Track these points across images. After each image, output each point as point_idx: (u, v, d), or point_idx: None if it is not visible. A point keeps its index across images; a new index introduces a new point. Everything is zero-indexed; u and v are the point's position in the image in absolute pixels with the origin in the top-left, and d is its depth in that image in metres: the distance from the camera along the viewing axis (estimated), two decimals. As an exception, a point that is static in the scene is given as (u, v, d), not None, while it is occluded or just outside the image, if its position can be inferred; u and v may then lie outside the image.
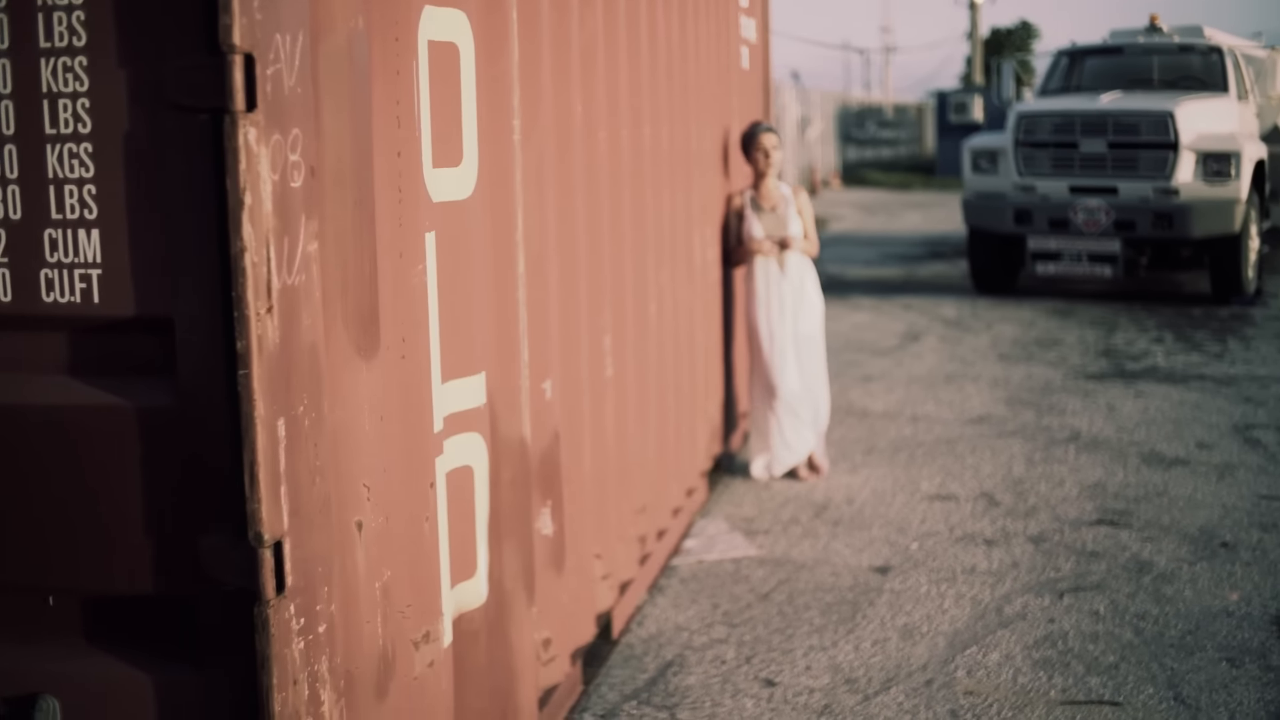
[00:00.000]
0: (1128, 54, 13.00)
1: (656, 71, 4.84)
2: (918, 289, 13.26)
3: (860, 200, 27.63)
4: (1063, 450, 6.83)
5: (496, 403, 3.20)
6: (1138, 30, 13.29)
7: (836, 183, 34.19)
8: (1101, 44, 13.30)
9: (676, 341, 5.26)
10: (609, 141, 4.19)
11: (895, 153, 45.33)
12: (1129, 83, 12.62)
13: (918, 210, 24.42)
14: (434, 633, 2.83)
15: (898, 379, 8.77)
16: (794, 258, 6.35)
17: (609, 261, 4.20)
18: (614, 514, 4.35)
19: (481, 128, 3.05)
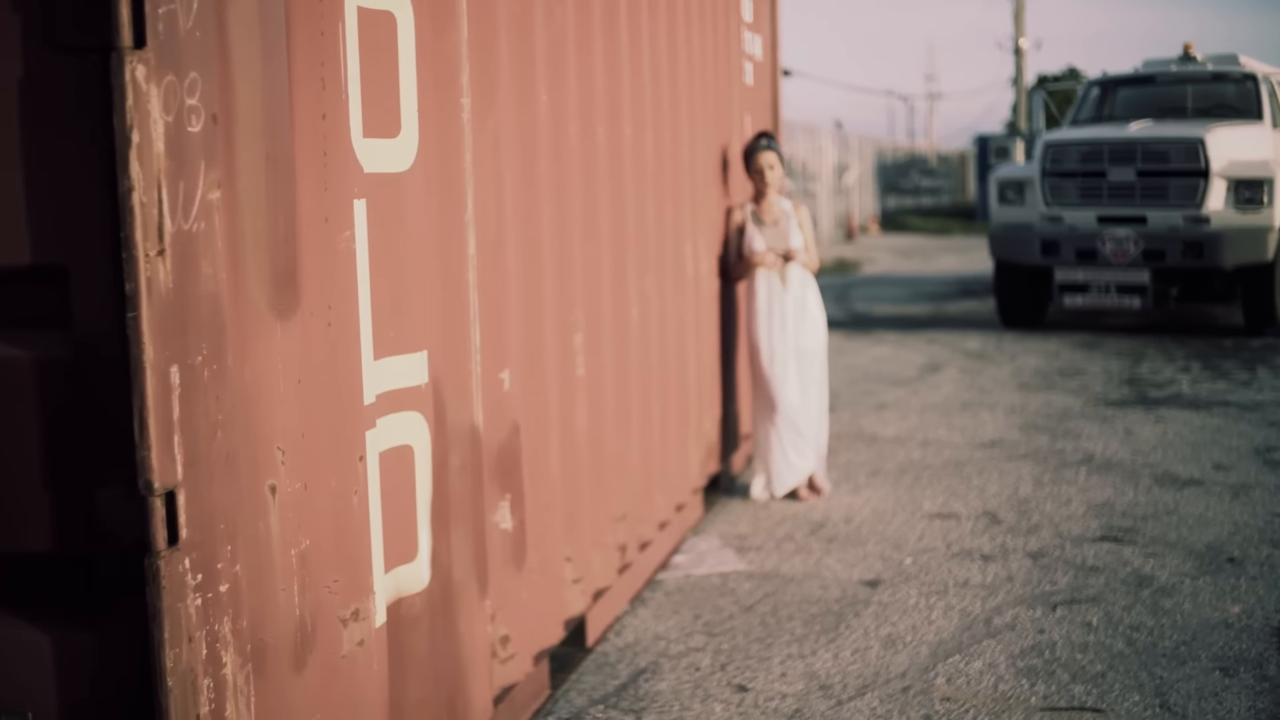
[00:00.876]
0: (1160, 83, 12.86)
1: (640, 75, 4.81)
2: (944, 324, 13.11)
3: (897, 245, 27.52)
4: (1073, 472, 6.67)
5: (443, 385, 3.14)
6: (1171, 59, 13.16)
7: (875, 228, 34.09)
8: (1133, 73, 13.17)
9: (664, 350, 5.19)
10: (581, 137, 4.15)
11: (937, 201, 45.26)
12: (1161, 112, 12.48)
13: (955, 254, 24.27)
14: (364, 611, 2.76)
15: (912, 407, 8.64)
16: (795, 272, 6.29)
17: (581, 259, 4.15)
18: (587, 518, 4.27)
19: (424, 102, 3.02)
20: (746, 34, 6.92)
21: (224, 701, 2.25)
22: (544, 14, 3.81)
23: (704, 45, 5.88)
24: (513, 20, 3.59)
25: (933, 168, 47.72)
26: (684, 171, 5.49)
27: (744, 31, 6.81)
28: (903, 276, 19.34)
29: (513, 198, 3.59)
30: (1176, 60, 13.05)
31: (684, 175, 5.49)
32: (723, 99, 6.31)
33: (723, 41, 6.29)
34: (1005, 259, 12.16)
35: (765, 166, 6.27)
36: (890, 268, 21.39)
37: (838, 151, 32.12)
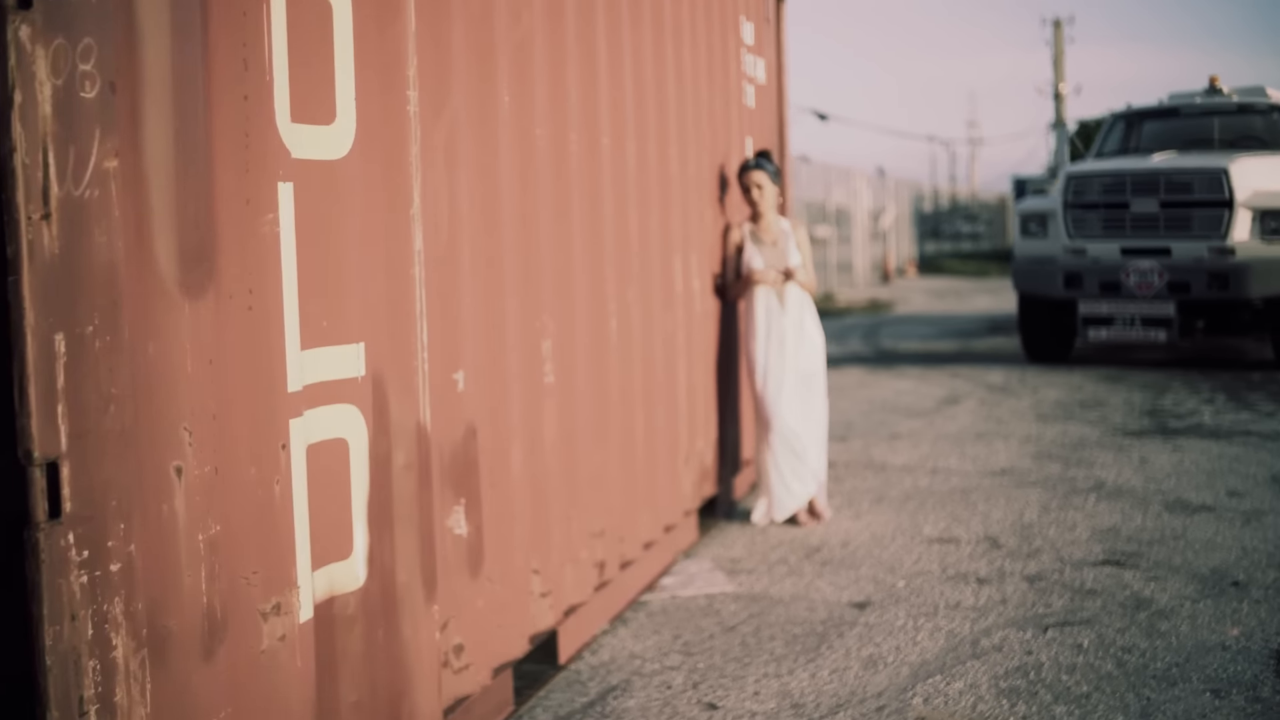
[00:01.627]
0: (1185, 115, 12.70)
1: (620, 88, 4.76)
2: (969, 360, 12.94)
3: (933, 287, 27.34)
4: (1082, 499, 6.50)
5: (384, 380, 3.08)
6: (1196, 92, 12.99)
7: (912, 271, 33.94)
8: (1157, 105, 13.01)
9: (648, 366, 5.11)
10: (551, 143, 4.11)
11: (977, 245, 45.03)
12: (1187, 144, 12.31)
13: (989, 294, 24.06)
14: (287, 605, 2.68)
15: (925, 437, 8.49)
16: (794, 293, 6.20)
17: (550, 266, 4.09)
18: (558, 531, 4.18)
19: (365, 93, 2.98)
20: (748, 56, 6.88)
21: (113, 685, 2.17)
22: (508, 16, 3.78)
23: (696, 63, 5.84)
24: (470, 20, 3.55)
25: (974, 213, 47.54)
26: (673, 187, 5.43)
27: (745, 54, 6.77)
28: (933, 315, 19.17)
29: (469, 196, 3.54)
30: (1202, 93, 12.89)
31: (673, 190, 5.43)
32: (720, 119, 6.26)
33: (719, 61, 6.24)
34: (1029, 292, 12.00)
35: (751, 185, 6.20)
36: (923, 308, 21.22)
37: (873, 195, 32.04)
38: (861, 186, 30.27)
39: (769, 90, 7.39)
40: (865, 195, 31.04)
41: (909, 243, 37.40)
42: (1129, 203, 11.30)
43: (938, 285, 27.83)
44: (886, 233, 32.54)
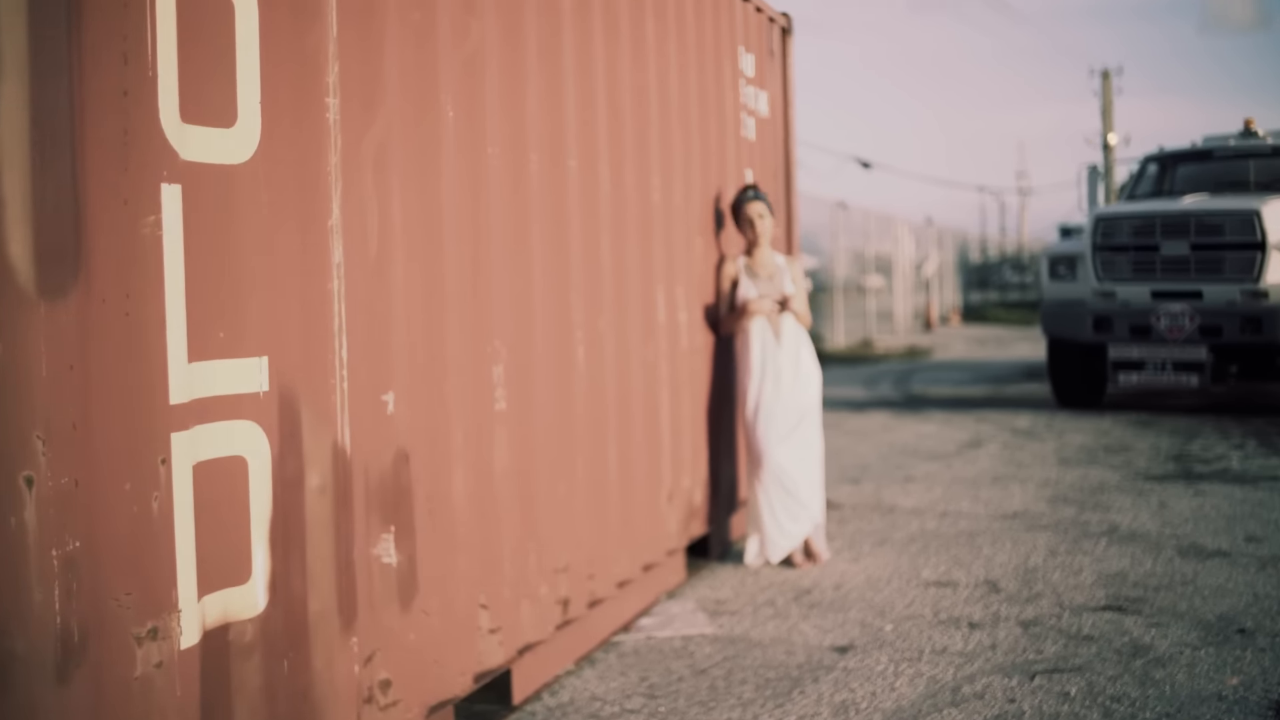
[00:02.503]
0: (1219, 158, 12.38)
1: (591, 110, 4.63)
2: (999, 404, 12.64)
3: (975, 335, 26.97)
4: (1092, 543, 6.22)
5: (295, 398, 2.93)
6: (1231, 134, 12.70)
7: (956, 320, 33.56)
8: (1190, 148, 12.71)
9: (624, 398, 4.93)
10: (507, 161, 3.97)
11: (1024, 295, 44.54)
12: (1221, 186, 11.99)
13: (1030, 342, 23.59)
14: (165, 630, 2.52)
15: (941, 480, 8.23)
16: (790, 327, 6.01)
17: (504, 290, 3.94)
18: (511, 565, 4.00)
19: (274, 97, 2.86)
20: (749, 88, 6.74)
21: (-64, 709, 2.02)
22: (453, 29, 3.65)
23: (686, 92, 5.71)
24: (408, 31, 3.43)
25: (1023, 263, 47.12)
26: (655, 215, 5.28)
27: (744, 85, 6.63)
28: (970, 362, 18.85)
29: (405, 212, 3.40)
30: (1237, 135, 12.59)
31: (655, 219, 5.28)
32: (715, 150, 6.11)
33: (713, 91, 6.11)
34: (1058, 336, 11.71)
35: (755, 216, 6.04)
36: (961, 354, 20.89)
37: (917, 243, 31.76)
38: (903, 234, 29.99)
39: (772, 124, 7.24)
40: (908, 243, 30.75)
41: (953, 291, 37.02)
42: (1159, 245, 11.00)
43: (980, 333, 27.44)
44: (929, 281, 32.22)
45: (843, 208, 24.07)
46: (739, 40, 6.57)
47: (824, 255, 24.33)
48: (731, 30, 6.44)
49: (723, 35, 6.27)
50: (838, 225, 23.77)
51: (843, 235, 24.67)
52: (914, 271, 31.48)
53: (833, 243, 23.79)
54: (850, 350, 22.15)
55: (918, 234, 32.84)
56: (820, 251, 24.13)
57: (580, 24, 4.56)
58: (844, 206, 24.14)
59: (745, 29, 6.71)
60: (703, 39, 5.97)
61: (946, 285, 35.92)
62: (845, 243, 25.15)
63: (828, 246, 23.80)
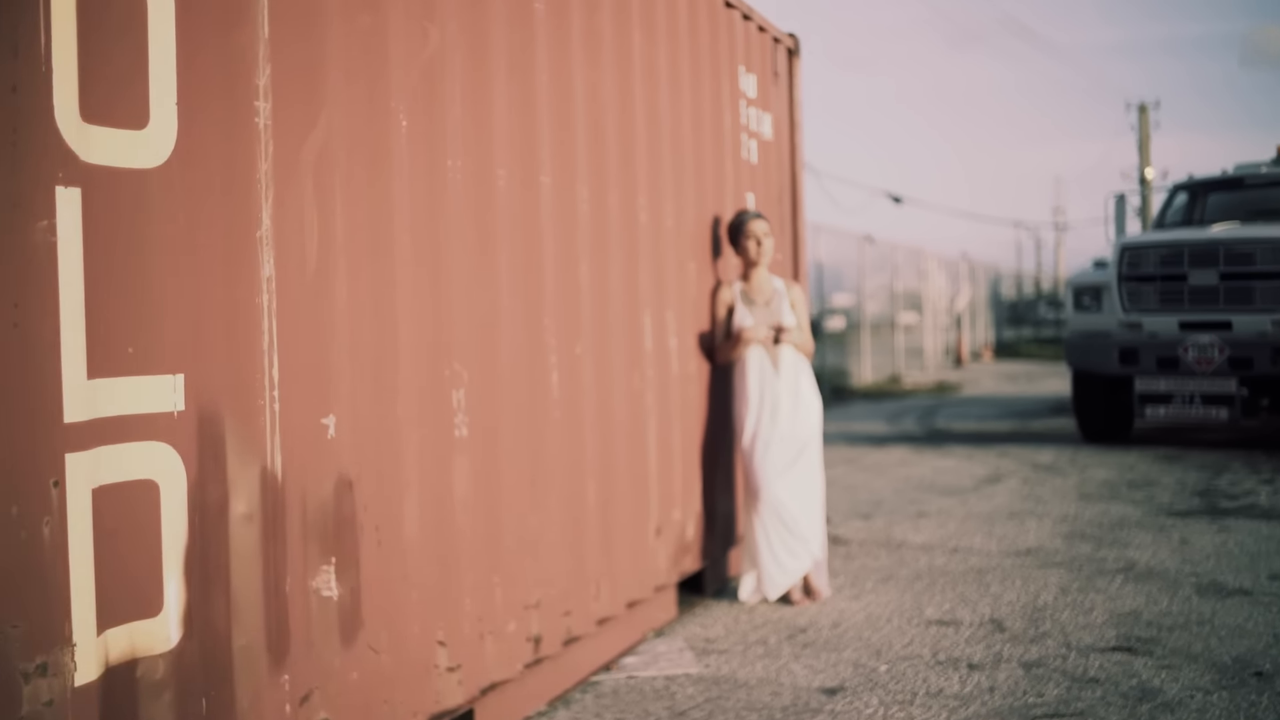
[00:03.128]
0: (1250, 186, 12.06)
1: (568, 127, 4.46)
2: (1023, 439, 12.34)
3: (1006, 371, 26.58)
4: (1106, 580, 5.95)
5: (218, 419, 2.76)
6: (1263, 162, 12.39)
7: (988, 355, 33.17)
8: (1220, 176, 12.41)
9: (605, 428, 4.73)
10: (470, 175, 3.80)
11: (1059, 331, 44.05)
12: (1253, 215, 11.67)
13: (1061, 378, 23.18)
14: (57, 665, 2.34)
15: (955, 515, 7.96)
16: (789, 355, 5.80)
17: (464, 309, 3.76)
18: (473, 600, 3.79)
19: (195, 99, 2.70)
20: (751, 110, 6.57)
21: None
22: (408, 35, 3.50)
23: (679, 110, 5.53)
24: (355, 33, 3.27)
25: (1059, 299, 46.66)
26: (642, 237, 5.09)
27: (745, 106, 6.45)
28: (998, 397, 18.52)
29: (349, 224, 3.23)
30: (1269, 163, 12.29)
31: (642, 241, 5.09)
32: (711, 171, 5.93)
33: (710, 111, 5.93)
34: (1083, 369, 11.42)
35: (761, 234, 5.83)
36: (990, 390, 20.55)
37: (948, 278, 31.44)
38: (933, 268, 29.68)
39: (777, 147, 7.05)
40: (938, 277, 30.44)
41: (986, 327, 36.63)
42: (1187, 274, 10.71)
43: (1011, 369, 27.05)
44: (960, 316, 31.87)
45: (869, 241, 23.83)
46: (739, 60, 6.40)
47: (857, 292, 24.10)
48: (731, 49, 6.27)
49: (721, 54, 6.11)
50: (864, 259, 23.52)
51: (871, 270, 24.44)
52: (945, 307, 31.15)
53: (860, 277, 23.53)
54: (877, 386, 21.86)
55: (949, 268, 32.52)
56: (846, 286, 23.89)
57: (556, 36, 4.40)
58: (870, 240, 23.90)
59: (747, 49, 6.54)
60: (698, 57, 5.81)
61: (979, 321, 35.54)
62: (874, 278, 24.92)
63: (855, 281, 23.54)
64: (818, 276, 21.65)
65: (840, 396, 20.01)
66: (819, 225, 20.96)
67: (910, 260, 28.02)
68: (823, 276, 21.53)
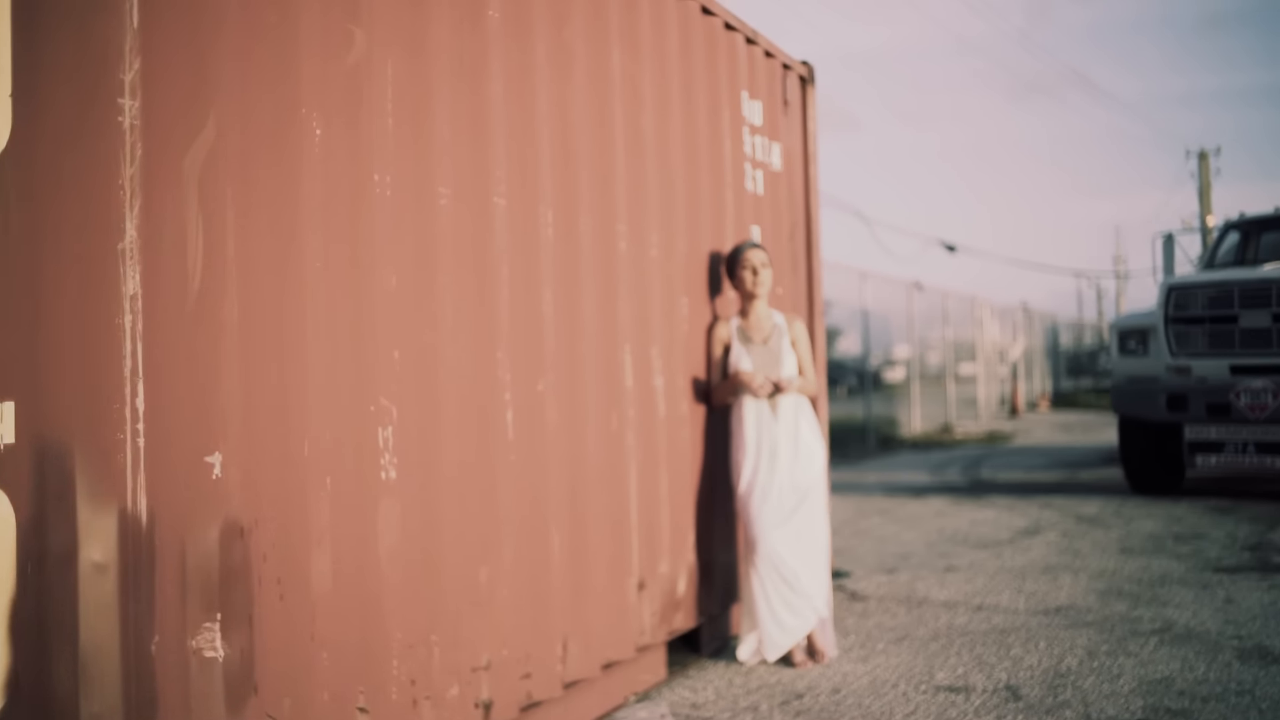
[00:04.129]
0: (1306, 223, 11.51)
1: (534, 144, 4.13)
2: (1069, 490, 11.76)
3: (1061, 421, 25.84)
4: (1139, 643, 5.44)
5: (63, 453, 2.42)
6: (1318, 202, 11.82)
7: (1045, 405, 32.37)
8: (1274, 213, 11.85)
9: (575, 472, 4.35)
10: (402, 192, 3.46)
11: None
12: (1311, 255, 11.11)
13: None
14: None
15: (985, 570, 7.46)
16: (789, 397, 5.40)
17: (393, 338, 3.41)
18: (404, 661, 3.41)
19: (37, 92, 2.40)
20: (757, 138, 6.21)
21: None
22: (325, 36, 3.18)
23: (667, 135, 5.19)
24: (256, 30, 2.96)
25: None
26: (623, 268, 4.74)
27: (749, 134, 6.10)
28: (1049, 447, 17.88)
29: (242, 240, 2.90)
30: (1327, 199, 11.71)
31: (622, 272, 4.73)
32: (709, 201, 5.57)
33: (706, 137, 5.58)
34: (1129, 416, 10.86)
35: (758, 264, 5.44)
36: (1043, 440, 19.89)
37: (1001, 325, 30.76)
38: (986, 316, 29.03)
39: (788, 178, 6.68)
40: (991, 326, 29.78)
41: (1043, 376, 35.81)
42: (1238, 316, 10.16)
43: (1067, 419, 26.29)
44: (1015, 365, 31.14)
45: (918, 288, 23.31)
46: (742, 85, 6.06)
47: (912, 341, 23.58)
48: (733, 74, 5.93)
49: (720, 78, 5.77)
50: (913, 307, 23.00)
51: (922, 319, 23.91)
52: (998, 356, 30.46)
53: (909, 325, 23.01)
54: (927, 436, 21.28)
55: (1004, 317, 31.84)
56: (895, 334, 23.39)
57: (515, 48, 4.07)
58: (919, 287, 23.39)
59: (751, 74, 6.20)
60: (692, 80, 5.47)
61: (1036, 370, 34.76)
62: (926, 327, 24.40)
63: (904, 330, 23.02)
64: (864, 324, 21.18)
65: (887, 446, 19.47)
66: (866, 272, 20.52)
67: (962, 308, 27.43)
68: (869, 324, 21.05)
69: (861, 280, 20.34)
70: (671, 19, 5.29)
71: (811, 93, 7.15)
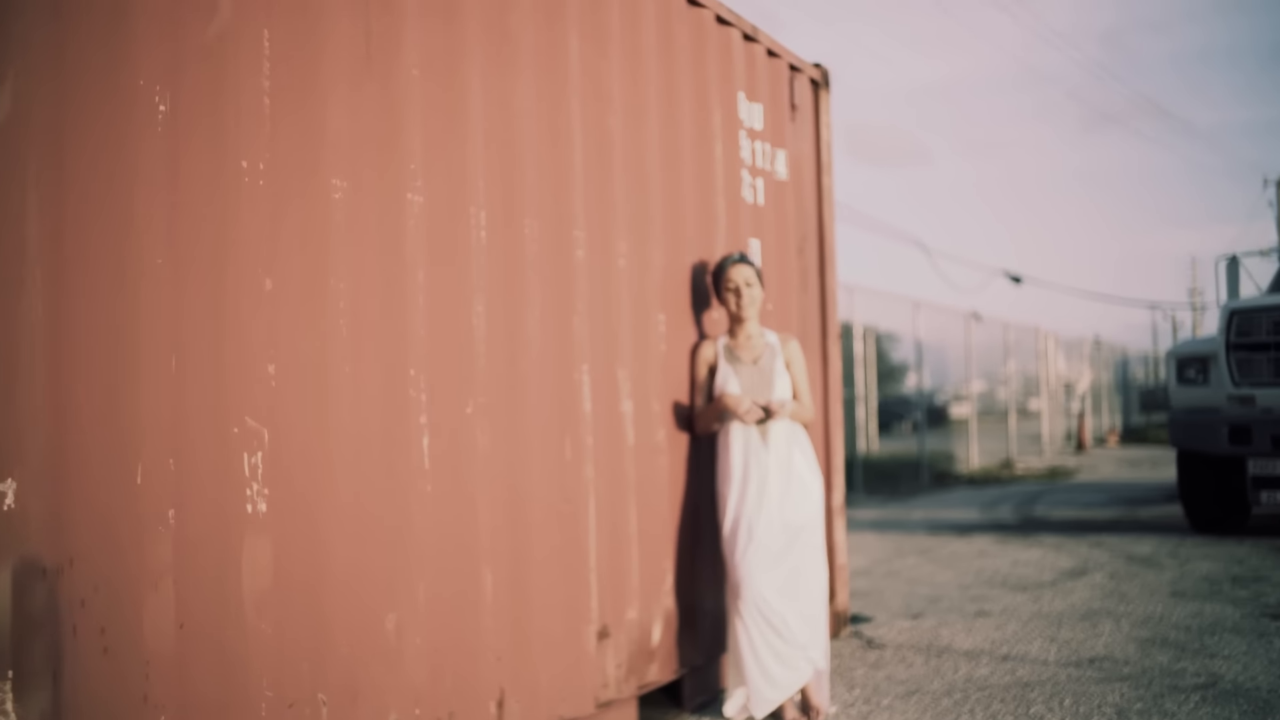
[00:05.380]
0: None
1: (463, 137, 3.68)
2: (1125, 529, 11.03)
3: (1128, 456, 24.86)
4: (1178, 700, 4.82)
5: None
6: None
7: (1114, 440, 31.29)
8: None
9: (516, 506, 3.87)
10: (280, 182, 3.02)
11: (1195, 414, 41.65)
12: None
13: (1189, 462, 21.54)
14: None
15: (1019, 615, 6.84)
16: (781, 424, 4.88)
17: (262, 350, 2.96)
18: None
19: None
20: (757, 143, 5.72)
21: None
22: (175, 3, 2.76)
23: (643, 135, 4.73)
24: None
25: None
26: (581, 279, 4.26)
27: (745, 139, 5.62)
28: (1111, 483, 17.06)
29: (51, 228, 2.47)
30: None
31: (581, 283, 4.26)
32: (694, 210, 5.09)
33: (693, 140, 5.11)
34: (1189, 449, 10.14)
35: (742, 282, 4.94)
36: (1107, 476, 19.04)
37: (1065, 358, 29.83)
38: (1050, 347, 28.13)
39: (796, 188, 6.18)
40: (1057, 359, 28.87)
41: (1113, 411, 34.72)
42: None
43: (1135, 454, 25.29)
44: (1083, 399, 30.16)
45: (976, 319, 22.58)
46: (738, 85, 5.58)
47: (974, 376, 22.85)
48: (725, 72, 5.45)
49: (710, 76, 5.29)
50: (971, 338, 22.25)
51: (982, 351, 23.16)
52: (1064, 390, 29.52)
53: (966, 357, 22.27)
54: (985, 471, 20.49)
55: (1069, 349, 30.90)
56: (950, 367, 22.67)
57: (438, 30, 3.63)
58: (977, 317, 22.65)
59: (750, 74, 5.72)
60: (673, 77, 5.01)
61: (1105, 404, 33.70)
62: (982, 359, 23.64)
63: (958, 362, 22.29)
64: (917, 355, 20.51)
65: (942, 483, 18.75)
66: (919, 301, 19.86)
67: (1024, 340, 26.59)
68: (922, 355, 20.36)
69: (914, 310, 19.69)
70: (648, 10, 4.84)
71: (825, 97, 6.65)
